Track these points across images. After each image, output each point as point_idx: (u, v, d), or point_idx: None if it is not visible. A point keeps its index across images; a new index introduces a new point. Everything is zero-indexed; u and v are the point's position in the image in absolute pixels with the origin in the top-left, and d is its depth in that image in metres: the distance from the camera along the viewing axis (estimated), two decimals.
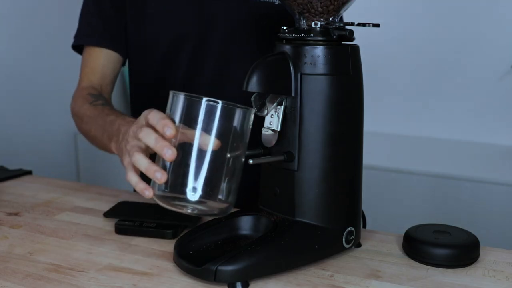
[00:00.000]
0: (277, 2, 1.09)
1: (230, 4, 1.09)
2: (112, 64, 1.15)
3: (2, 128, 2.12)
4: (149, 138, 0.72)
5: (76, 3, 1.47)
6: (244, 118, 0.71)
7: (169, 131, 0.70)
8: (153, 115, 0.74)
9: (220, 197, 0.72)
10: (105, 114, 0.99)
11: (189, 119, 0.70)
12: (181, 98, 0.71)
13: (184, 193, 0.70)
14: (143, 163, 0.73)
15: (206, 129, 0.69)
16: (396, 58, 2.36)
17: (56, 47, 2.30)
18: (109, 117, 0.97)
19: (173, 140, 0.71)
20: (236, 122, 0.71)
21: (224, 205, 0.73)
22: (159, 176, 0.70)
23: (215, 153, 0.70)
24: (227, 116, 0.70)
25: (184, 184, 0.70)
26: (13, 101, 2.18)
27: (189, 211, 0.72)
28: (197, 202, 0.70)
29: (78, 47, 1.18)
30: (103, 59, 1.14)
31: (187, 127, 0.70)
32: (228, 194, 0.72)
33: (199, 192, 0.70)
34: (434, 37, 2.30)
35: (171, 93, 0.73)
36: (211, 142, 0.69)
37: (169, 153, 0.70)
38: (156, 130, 0.73)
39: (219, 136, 0.69)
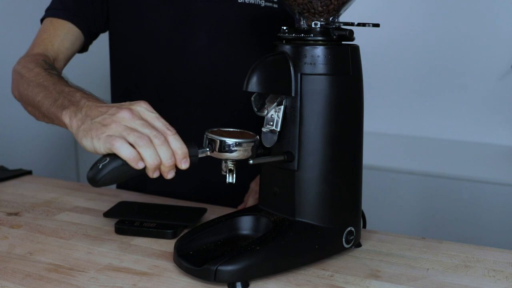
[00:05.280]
0: (274, 6, 1.08)
1: (217, 4, 1.07)
2: (72, 39, 1.11)
3: (2, 128, 2.12)
4: (165, 153, 0.73)
5: None
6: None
7: (186, 165, 0.74)
8: (173, 138, 0.74)
9: None
10: (62, 84, 0.91)
11: None
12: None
13: None
14: (158, 157, 0.73)
15: None
16: (396, 58, 2.36)
17: None
18: (67, 88, 0.90)
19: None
20: None
21: None
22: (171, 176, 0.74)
23: None
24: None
25: None
26: (13, 101, 2.18)
27: None
28: None
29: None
30: (65, 32, 1.10)
31: None
32: None
33: None
34: (434, 37, 2.30)
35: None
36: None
37: (172, 174, 0.74)
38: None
39: None
